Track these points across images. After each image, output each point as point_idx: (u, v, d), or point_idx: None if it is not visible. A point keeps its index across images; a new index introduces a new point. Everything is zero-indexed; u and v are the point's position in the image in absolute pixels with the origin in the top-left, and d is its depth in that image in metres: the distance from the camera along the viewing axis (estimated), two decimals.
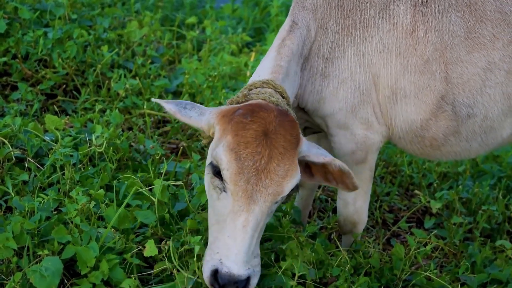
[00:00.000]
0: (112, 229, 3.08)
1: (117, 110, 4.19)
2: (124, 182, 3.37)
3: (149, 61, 4.92)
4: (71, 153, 3.50)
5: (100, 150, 3.58)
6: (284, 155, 2.80)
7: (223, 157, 2.77)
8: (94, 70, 4.66)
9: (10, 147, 3.54)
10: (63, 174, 3.46)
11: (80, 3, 5.32)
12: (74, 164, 3.53)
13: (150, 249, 2.96)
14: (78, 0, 5.31)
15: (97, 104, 4.35)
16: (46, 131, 3.89)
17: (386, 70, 3.31)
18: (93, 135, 3.65)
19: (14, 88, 4.59)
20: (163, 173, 3.26)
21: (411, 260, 3.47)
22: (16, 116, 3.99)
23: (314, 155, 2.98)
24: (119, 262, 2.98)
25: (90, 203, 3.16)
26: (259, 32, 6.68)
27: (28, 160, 3.59)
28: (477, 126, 3.39)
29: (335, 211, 4.07)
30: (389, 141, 3.54)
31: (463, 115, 3.36)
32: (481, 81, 3.32)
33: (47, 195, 3.24)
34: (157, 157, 3.78)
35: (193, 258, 2.94)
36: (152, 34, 5.38)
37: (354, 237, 3.58)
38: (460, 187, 4.53)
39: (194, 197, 3.37)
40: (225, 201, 2.79)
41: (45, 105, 4.51)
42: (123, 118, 4.11)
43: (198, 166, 3.84)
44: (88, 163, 3.66)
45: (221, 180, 2.80)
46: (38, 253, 2.94)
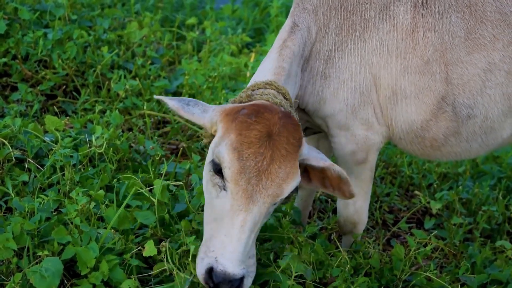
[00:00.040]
0: (112, 229, 3.08)
1: (117, 111, 4.19)
2: (124, 182, 3.37)
3: (149, 62, 4.91)
4: (71, 154, 3.50)
5: (100, 151, 3.58)
6: (286, 157, 2.80)
7: (226, 156, 2.77)
8: (94, 71, 4.66)
9: (10, 148, 3.54)
10: (63, 174, 3.46)
11: (80, 4, 5.31)
12: (74, 165, 3.53)
13: (150, 249, 2.96)
14: (78, 1, 5.31)
15: (97, 105, 4.34)
16: (46, 132, 3.89)
17: (386, 71, 3.31)
18: (93, 135, 3.65)
19: (14, 89, 4.59)
20: (163, 173, 3.25)
21: (411, 261, 3.47)
22: (16, 117, 3.99)
23: (314, 159, 2.98)
24: (119, 262, 2.98)
25: (90, 204, 3.16)
26: (259, 32, 6.68)
27: (28, 160, 3.59)
28: (477, 127, 3.39)
29: (335, 211, 4.07)
30: (389, 142, 3.54)
31: (464, 115, 3.36)
32: (481, 82, 3.32)
33: (47, 195, 3.24)
34: (157, 158, 3.78)
35: (188, 258, 2.93)
36: (152, 35, 5.38)
37: (354, 237, 3.58)
38: (460, 187, 4.53)
39: (194, 198, 3.36)
40: (224, 199, 2.79)
41: (45, 106, 4.51)
42: (123, 119, 4.10)
43: (198, 167, 3.84)
44: (88, 163, 3.66)
45: (221, 178, 2.80)
46: (38, 254, 2.94)
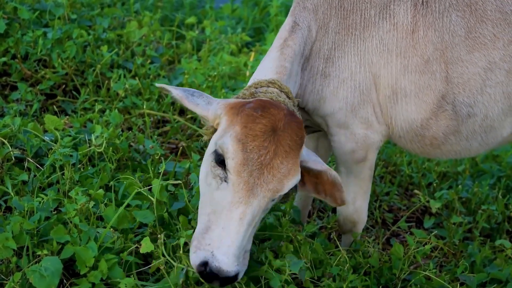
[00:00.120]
0: (111, 229, 3.08)
1: (116, 110, 4.18)
2: (123, 182, 3.37)
3: (149, 61, 4.91)
4: (71, 153, 3.49)
5: (99, 150, 3.58)
6: (289, 153, 2.81)
7: (230, 147, 2.77)
8: (94, 70, 4.66)
9: (10, 147, 3.54)
10: (63, 174, 3.45)
11: (79, 3, 5.31)
12: (74, 164, 3.53)
13: (146, 245, 2.95)
14: (77, 0, 5.29)
15: (96, 104, 4.34)
16: (45, 131, 3.88)
17: (386, 70, 3.31)
18: (92, 135, 3.64)
19: (14, 88, 4.58)
20: (161, 172, 3.25)
21: (410, 260, 3.47)
22: (15, 116, 3.98)
23: (313, 162, 2.99)
24: (118, 261, 2.97)
25: (89, 203, 3.16)
26: (258, 32, 6.67)
27: (28, 160, 3.58)
28: (477, 126, 3.39)
29: (334, 210, 4.07)
30: (388, 141, 3.54)
31: (464, 114, 3.36)
32: (482, 81, 3.32)
33: (46, 195, 3.23)
34: (157, 157, 3.78)
35: (185, 252, 2.92)
36: (151, 34, 5.37)
37: (353, 236, 3.58)
38: (459, 186, 4.53)
39: (194, 197, 3.36)
40: (225, 191, 2.79)
41: (45, 105, 4.51)
42: (122, 118, 4.10)
43: (198, 166, 3.83)
44: (88, 163, 3.65)
45: (223, 170, 2.80)
46: (37, 253, 2.93)
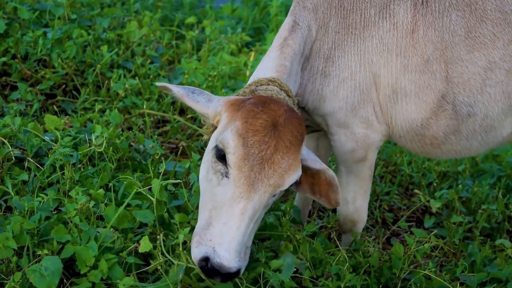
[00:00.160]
0: (111, 228, 3.08)
1: (116, 110, 4.18)
2: (124, 182, 3.37)
3: (149, 61, 4.91)
4: (71, 153, 3.49)
5: (99, 150, 3.58)
6: (290, 149, 2.82)
7: (231, 141, 2.78)
8: (94, 70, 4.66)
9: (10, 147, 3.54)
10: (63, 174, 3.45)
11: (79, 3, 5.31)
12: (74, 164, 3.53)
13: (145, 245, 2.95)
14: (77, 0, 5.30)
15: (96, 104, 4.34)
16: (45, 131, 3.88)
17: (386, 70, 3.31)
18: (92, 135, 3.64)
19: (14, 88, 4.58)
20: (161, 172, 3.26)
21: (411, 259, 3.47)
22: (15, 116, 3.98)
23: (312, 160, 3.00)
24: (118, 261, 2.97)
25: (89, 203, 3.16)
26: (258, 32, 6.67)
27: (28, 160, 3.58)
28: (477, 125, 3.39)
29: (334, 210, 4.07)
30: (389, 140, 3.54)
31: (464, 114, 3.36)
32: (482, 80, 3.32)
33: (46, 194, 3.23)
34: (157, 157, 3.78)
35: (184, 250, 2.92)
36: (151, 34, 5.37)
37: (353, 236, 3.58)
38: (459, 186, 4.53)
39: (193, 196, 3.36)
40: (226, 187, 2.79)
41: (45, 105, 4.51)
42: (122, 118, 4.10)
43: (198, 166, 3.83)
44: (88, 163, 3.65)
45: (224, 165, 2.81)
46: (37, 253, 2.93)
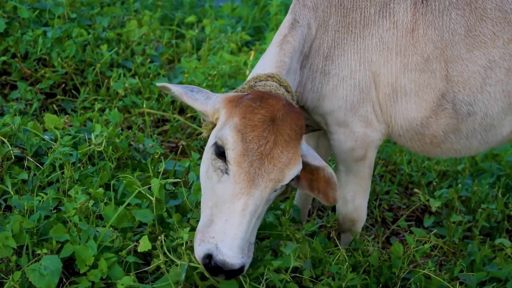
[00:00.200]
0: (111, 228, 3.08)
1: (116, 109, 4.18)
2: (123, 181, 3.37)
3: (149, 60, 4.91)
4: (71, 152, 3.49)
5: (99, 149, 3.58)
6: (289, 143, 2.82)
7: (229, 137, 2.78)
8: (94, 69, 4.66)
9: (10, 146, 3.53)
10: (63, 173, 3.45)
11: (79, 2, 5.30)
12: (74, 163, 3.53)
13: (144, 244, 2.95)
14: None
15: (96, 103, 4.33)
16: (45, 130, 3.88)
17: (386, 68, 3.31)
18: (92, 134, 3.64)
19: (14, 87, 4.58)
20: (161, 171, 3.26)
21: (410, 259, 3.47)
22: (15, 115, 3.98)
23: (311, 156, 3.00)
24: (117, 260, 2.97)
25: (89, 202, 3.15)
26: (258, 31, 6.67)
27: (28, 159, 3.58)
28: (477, 124, 3.39)
29: (334, 209, 4.07)
30: (388, 139, 3.54)
31: (463, 113, 3.36)
32: (482, 79, 3.32)
33: (46, 194, 3.23)
34: (157, 156, 3.78)
35: (186, 249, 2.92)
36: (151, 33, 5.37)
37: (353, 235, 3.58)
38: (459, 185, 4.53)
39: (191, 195, 3.36)
40: (226, 183, 2.79)
41: (45, 104, 4.51)
42: (122, 117, 4.10)
43: (198, 165, 3.83)
44: (88, 162, 3.65)
45: (224, 162, 2.80)
46: (37, 252, 2.93)
